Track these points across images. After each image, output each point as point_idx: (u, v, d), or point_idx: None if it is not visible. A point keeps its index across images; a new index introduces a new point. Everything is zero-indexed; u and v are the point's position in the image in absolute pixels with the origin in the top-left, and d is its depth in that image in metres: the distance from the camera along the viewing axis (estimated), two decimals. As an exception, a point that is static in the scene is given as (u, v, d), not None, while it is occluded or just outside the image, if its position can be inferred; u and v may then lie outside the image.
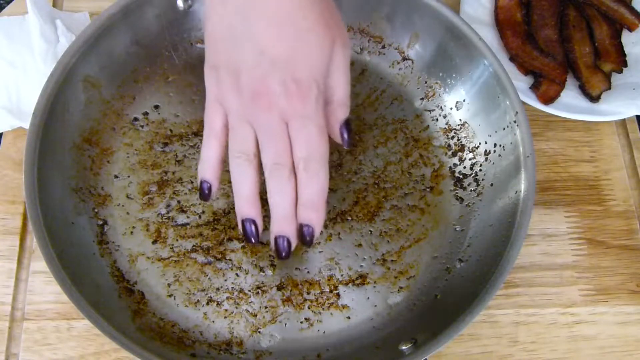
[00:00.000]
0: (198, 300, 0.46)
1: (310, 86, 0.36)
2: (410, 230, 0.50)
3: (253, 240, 0.41)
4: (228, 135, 0.40)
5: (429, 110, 0.55)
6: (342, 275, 0.48)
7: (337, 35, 0.37)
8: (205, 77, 0.39)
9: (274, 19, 0.35)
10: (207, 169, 0.41)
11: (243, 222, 0.40)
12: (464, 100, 0.53)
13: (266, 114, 0.36)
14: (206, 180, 0.41)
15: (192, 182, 0.50)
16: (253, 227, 0.40)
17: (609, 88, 0.58)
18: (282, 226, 0.39)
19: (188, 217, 0.49)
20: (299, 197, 0.38)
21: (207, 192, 0.42)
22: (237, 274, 0.48)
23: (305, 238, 0.39)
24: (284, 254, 0.40)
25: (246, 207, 0.40)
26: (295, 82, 0.36)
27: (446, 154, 0.53)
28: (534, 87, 0.56)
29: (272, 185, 0.38)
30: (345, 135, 0.40)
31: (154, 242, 0.48)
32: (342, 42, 0.38)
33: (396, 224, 0.50)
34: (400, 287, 0.48)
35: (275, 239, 0.40)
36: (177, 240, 0.48)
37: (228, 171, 0.51)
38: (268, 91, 0.36)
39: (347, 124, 0.40)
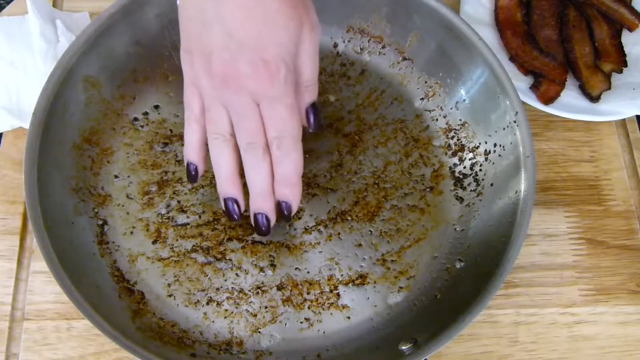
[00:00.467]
0: (198, 300, 0.46)
1: (279, 66, 0.37)
2: (410, 230, 0.50)
3: (235, 218, 0.42)
4: None
5: (429, 110, 0.55)
6: (342, 275, 0.48)
7: (305, 18, 0.38)
8: (182, 61, 0.40)
9: (242, 2, 0.36)
10: (191, 152, 0.43)
11: (225, 200, 0.42)
12: (464, 100, 0.53)
13: (236, 96, 0.37)
14: (192, 162, 0.43)
15: (192, 182, 0.50)
16: (235, 206, 0.42)
17: (609, 88, 0.58)
18: (260, 203, 0.41)
19: (188, 217, 0.49)
20: (274, 175, 0.40)
21: (193, 173, 0.43)
22: (237, 274, 0.48)
23: (283, 213, 0.41)
24: (263, 229, 0.42)
25: (226, 185, 0.41)
26: (264, 62, 0.36)
27: (446, 154, 0.53)
28: (534, 87, 0.57)
29: (248, 164, 0.40)
30: (312, 118, 0.41)
31: (154, 242, 0.48)
32: (311, 25, 0.39)
33: (396, 224, 0.50)
34: (400, 287, 0.48)
35: (255, 215, 0.42)
36: (177, 240, 0.48)
37: (228, 171, 0.51)
38: (237, 73, 0.37)
39: (313, 106, 0.41)
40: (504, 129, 0.49)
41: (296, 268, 0.48)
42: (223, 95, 0.38)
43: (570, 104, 0.56)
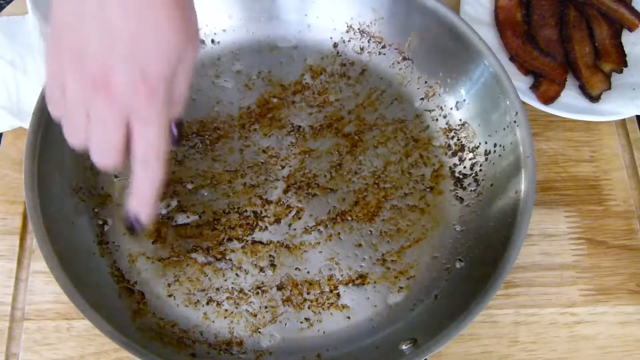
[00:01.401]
0: (198, 300, 0.46)
1: (159, 84, 0.34)
2: (410, 230, 0.50)
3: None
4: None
5: (429, 110, 0.55)
6: (342, 275, 0.48)
7: (191, 34, 0.35)
8: (46, 48, 0.35)
9: (131, 6, 0.32)
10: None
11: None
12: (464, 100, 0.53)
13: (105, 105, 0.34)
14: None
15: (192, 182, 0.50)
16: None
17: (609, 88, 0.58)
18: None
19: (188, 217, 0.49)
20: (132, 188, 0.38)
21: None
22: (237, 274, 0.48)
23: (132, 228, 0.39)
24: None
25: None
26: (144, 78, 0.33)
27: (446, 154, 0.53)
28: (534, 87, 0.56)
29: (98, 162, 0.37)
30: (175, 133, 0.38)
31: (154, 242, 0.48)
32: (195, 42, 0.36)
33: (396, 224, 0.50)
34: (400, 287, 0.48)
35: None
36: (177, 240, 0.48)
37: (227, 171, 0.51)
38: (112, 82, 0.33)
39: (179, 123, 0.39)
40: (504, 129, 0.49)
41: (296, 268, 0.48)
42: (89, 100, 0.34)
43: (570, 104, 0.56)
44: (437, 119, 0.54)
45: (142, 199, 0.38)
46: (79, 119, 0.35)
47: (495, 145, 0.50)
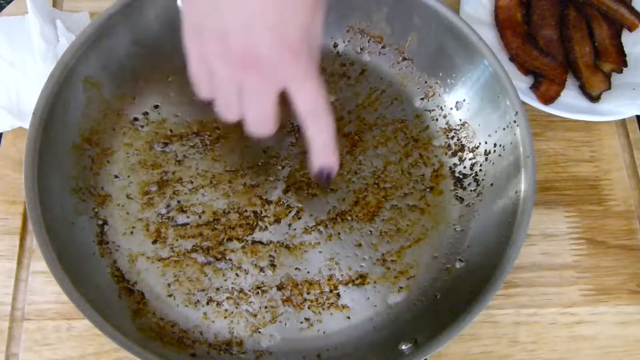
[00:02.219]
0: (198, 300, 0.46)
1: (302, 46, 0.36)
2: (410, 230, 0.50)
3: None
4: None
5: (429, 110, 0.55)
6: (342, 275, 0.48)
7: None
8: (187, 39, 0.38)
9: None
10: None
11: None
12: (464, 100, 0.53)
13: (255, 80, 0.36)
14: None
15: (192, 182, 0.50)
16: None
17: (609, 88, 0.58)
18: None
19: (188, 217, 0.49)
20: (312, 147, 0.40)
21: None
22: (237, 274, 0.48)
23: (323, 179, 0.41)
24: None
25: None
26: (286, 45, 0.35)
27: (446, 154, 0.53)
28: (534, 87, 0.56)
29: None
30: None
31: (154, 242, 0.48)
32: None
33: (396, 224, 0.50)
34: (400, 287, 0.48)
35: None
36: (177, 240, 0.48)
37: (227, 171, 0.51)
38: (258, 56, 0.35)
39: None
40: (504, 129, 0.49)
41: (296, 268, 0.48)
42: (240, 78, 0.36)
43: (570, 104, 0.56)
44: (437, 119, 0.54)
45: (325, 150, 0.40)
46: (232, 96, 0.37)
47: (495, 145, 0.50)
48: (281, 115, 0.39)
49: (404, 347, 0.44)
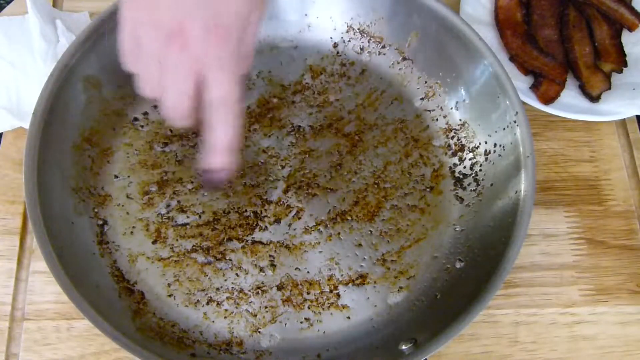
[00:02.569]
0: (198, 300, 0.46)
1: (230, 33, 0.36)
2: (410, 230, 0.50)
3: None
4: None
5: (429, 110, 0.55)
6: (342, 275, 0.48)
7: None
8: (121, 6, 0.37)
9: None
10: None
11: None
12: (464, 100, 0.53)
13: (178, 55, 0.36)
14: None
15: (192, 182, 0.50)
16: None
17: (609, 88, 0.58)
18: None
19: (188, 217, 0.49)
20: (209, 141, 0.38)
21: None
22: (237, 274, 0.48)
23: (212, 181, 0.40)
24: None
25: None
26: (216, 28, 0.35)
27: (446, 154, 0.53)
28: (534, 87, 0.56)
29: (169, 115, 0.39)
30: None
31: (154, 242, 0.48)
32: (263, 2, 0.38)
33: (396, 224, 0.50)
34: (400, 287, 0.48)
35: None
36: (177, 240, 0.48)
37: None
38: (186, 32, 0.35)
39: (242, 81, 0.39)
40: (504, 129, 0.49)
41: (296, 268, 0.48)
42: (164, 50, 0.36)
43: (570, 104, 0.56)
44: (437, 119, 0.54)
45: (220, 150, 0.38)
46: (154, 70, 0.37)
47: (495, 145, 0.50)
48: (199, 113, 0.38)
49: (404, 347, 0.44)
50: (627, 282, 0.52)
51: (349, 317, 0.47)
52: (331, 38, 0.56)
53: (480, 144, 0.52)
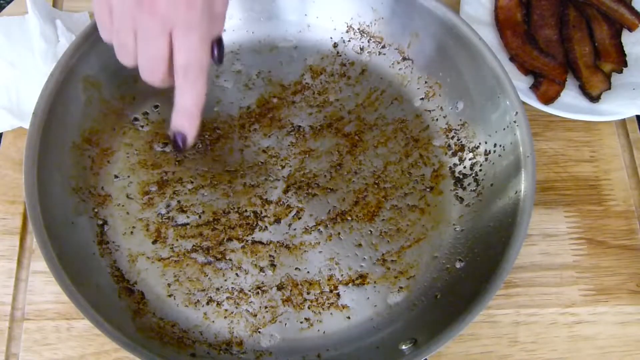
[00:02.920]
0: (198, 300, 0.46)
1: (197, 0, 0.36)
2: (410, 230, 0.50)
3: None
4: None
5: (429, 110, 0.55)
6: (342, 275, 0.48)
7: None
8: None
9: None
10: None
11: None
12: (464, 100, 0.53)
13: (149, 19, 0.36)
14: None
15: (192, 182, 0.50)
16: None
17: (609, 88, 0.58)
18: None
19: (188, 217, 0.49)
20: (175, 106, 0.39)
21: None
22: (237, 274, 0.48)
23: (177, 144, 0.41)
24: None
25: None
26: None
27: (446, 154, 0.53)
28: (534, 87, 0.56)
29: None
30: (216, 51, 0.40)
31: (154, 242, 0.48)
32: None
33: (396, 224, 0.50)
34: (400, 287, 0.48)
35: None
36: (177, 240, 0.48)
37: (227, 171, 0.51)
38: None
39: (219, 40, 0.40)
40: (504, 129, 0.49)
41: (296, 268, 0.48)
42: (134, 16, 0.37)
43: (570, 104, 0.56)
44: (437, 119, 0.54)
45: (185, 113, 0.39)
46: (127, 37, 0.38)
47: (495, 145, 0.50)
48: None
49: (404, 347, 0.44)
50: (627, 282, 0.52)
51: (349, 317, 0.47)
52: (331, 38, 0.56)
53: (480, 144, 0.52)
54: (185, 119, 0.40)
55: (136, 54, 0.38)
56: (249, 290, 0.47)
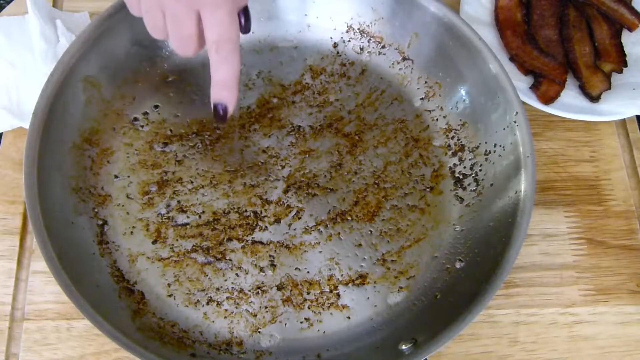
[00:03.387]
0: (198, 300, 0.46)
1: None
2: (410, 230, 0.50)
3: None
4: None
5: (429, 110, 0.55)
6: (342, 275, 0.48)
7: None
8: None
9: None
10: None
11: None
12: (464, 100, 0.53)
13: (174, 4, 0.37)
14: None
15: (192, 182, 0.50)
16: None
17: (609, 88, 0.58)
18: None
19: (188, 217, 0.49)
20: (212, 79, 0.40)
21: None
22: (237, 274, 0.48)
23: (219, 114, 0.41)
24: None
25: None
26: None
27: (446, 154, 0.53)
28: (534, 87, 0.56)
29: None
30: (243, 22, 0.41)
31: (154, 242, 0.48)
32: None
33: (396, 224, 0.50)
34: (400, 287, 0.48)
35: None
36: (177, 240, 0.48)
37: (227, 171, 0.51)
38: None
39: (245, 10, 0.41)
40: (504, 129, 0.49)
41: (296, 268, 0.48)
42: (160, 1, 0.38)
43: (570, 104, 0.56)
44: (437, 119, 0.54)
45: (225, 85, 0.40)
46: (156, 16, 0.39)
47: (495, 145, 0.50)
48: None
49: (404, 347, 0.44)
50: (627, 282, 0.52)
51: (349, 317, 0.47)
52: (331, 38, 0.56)
53: (480, 144, 0.52)
54: (224, 91, 0.41)
55: (167, 31, 0.39)
56: (249, 290, 0.47)
